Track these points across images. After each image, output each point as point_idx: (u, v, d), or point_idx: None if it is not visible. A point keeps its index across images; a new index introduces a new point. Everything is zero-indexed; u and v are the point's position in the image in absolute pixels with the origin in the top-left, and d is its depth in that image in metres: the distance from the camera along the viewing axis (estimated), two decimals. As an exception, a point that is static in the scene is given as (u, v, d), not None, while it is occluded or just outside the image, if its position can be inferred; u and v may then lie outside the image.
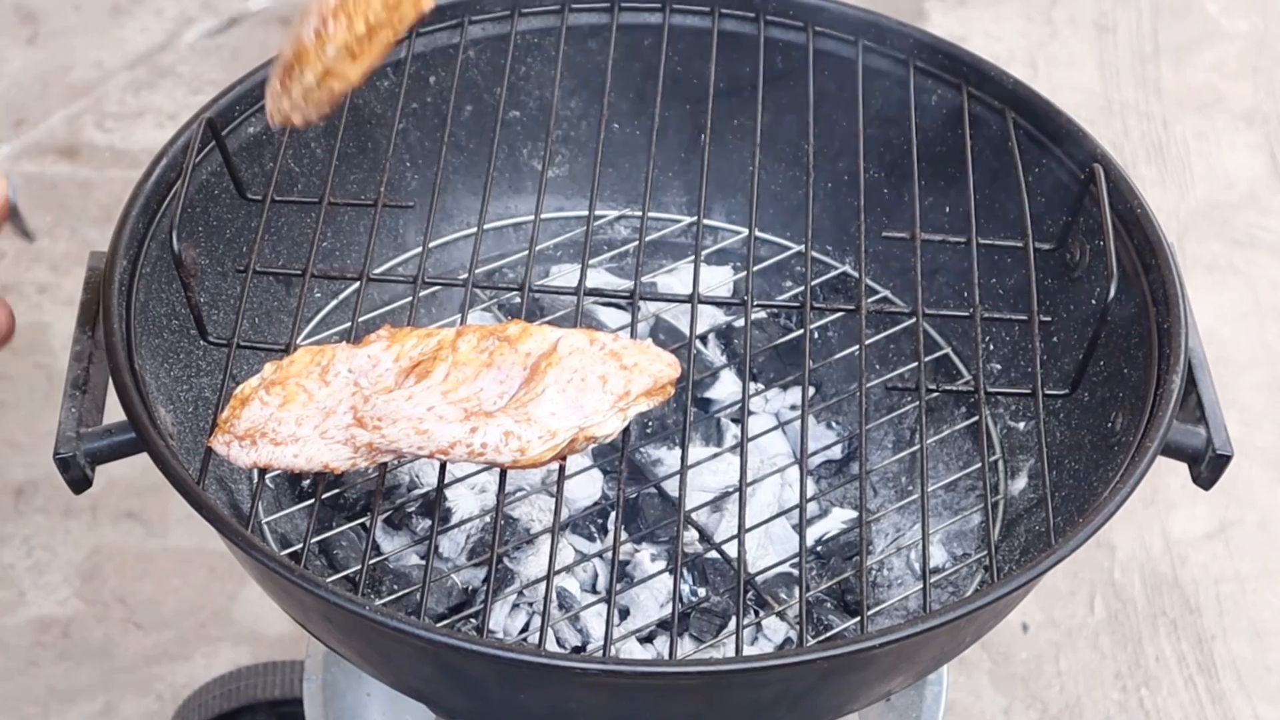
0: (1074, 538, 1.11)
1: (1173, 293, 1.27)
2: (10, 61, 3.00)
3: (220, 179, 1.36)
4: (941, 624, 1.06)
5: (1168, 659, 2.30)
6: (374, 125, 1.47)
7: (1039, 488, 1.33)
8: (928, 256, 1.42)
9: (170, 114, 2.92)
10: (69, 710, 2.16)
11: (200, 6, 3.12)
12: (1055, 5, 3.23)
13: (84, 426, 1.17)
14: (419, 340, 1.19)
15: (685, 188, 1.56)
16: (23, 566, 2.30)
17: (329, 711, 1.46)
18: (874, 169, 1.48)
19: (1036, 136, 1.41)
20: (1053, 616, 2.33)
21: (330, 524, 1.36)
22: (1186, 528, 2.45)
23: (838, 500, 1.46)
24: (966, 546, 1.40)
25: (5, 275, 2.63)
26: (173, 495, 1.13)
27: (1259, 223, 2.87)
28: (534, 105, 1.53)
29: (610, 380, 1.16)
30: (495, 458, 1.13)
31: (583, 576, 1.37)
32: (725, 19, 1.50)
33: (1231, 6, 3.25)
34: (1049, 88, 2.93)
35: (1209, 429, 1.22)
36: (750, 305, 1.32)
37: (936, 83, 1.45)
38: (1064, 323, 1.38)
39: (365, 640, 1.14)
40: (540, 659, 1.04)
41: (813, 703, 1.15)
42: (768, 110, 1.45)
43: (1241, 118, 3.04)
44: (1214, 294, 2.74)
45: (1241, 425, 2.52)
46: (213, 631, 2.24)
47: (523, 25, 1.49)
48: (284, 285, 1.42)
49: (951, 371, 1.47)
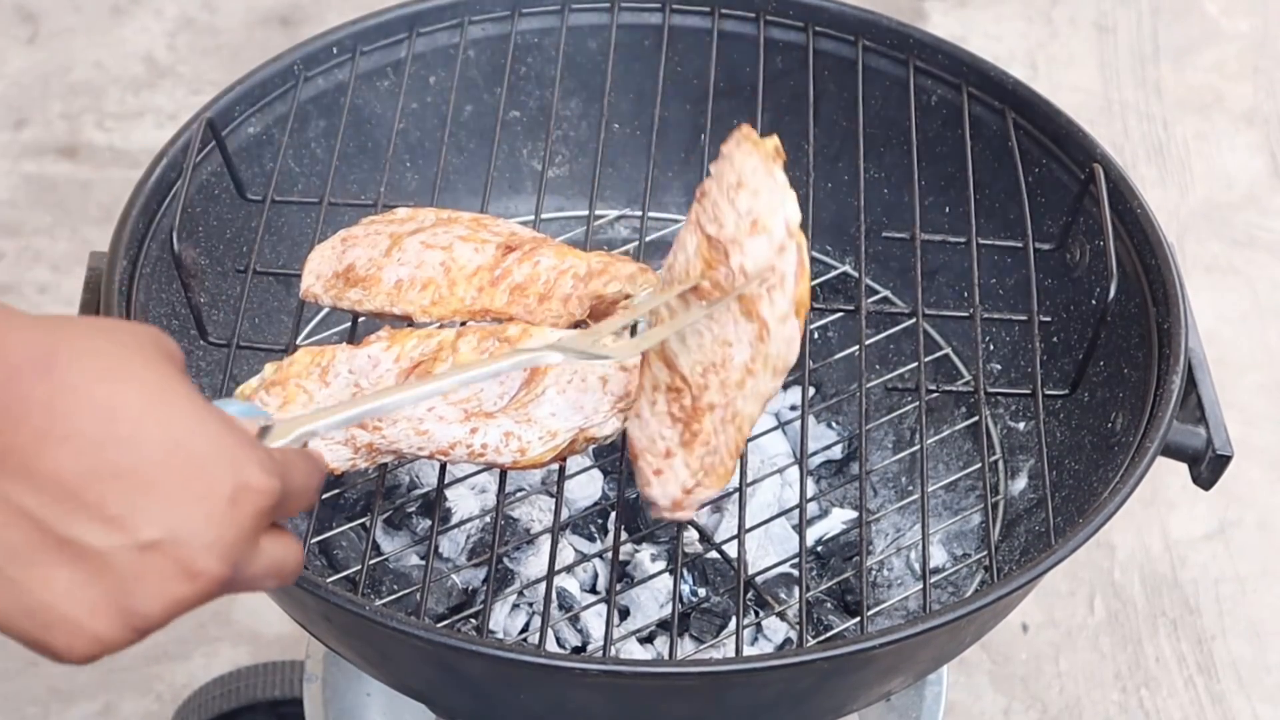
0: (1074, 538, 1.11)
1: (1173, 293, 1.27)
2: (10, 61, 3.00)
3: (220, 179, 1.36)
4: (941, 624, 1.06)
5: (1168, 659, 2.30)
6: (374, 125, 1.47)
7: (1039, 488, 1.33)
8: (928, 256, 1.42)
9: (170, 114, 2.92)
10: (69, 710, 2.16)
11: (200, 6, 3.12)
12: (1055, 5, 3.23)
13: (84, 426, 1.17)
14: (419, 341, 1.19)
15: (685, 188, 1.57)
16: (23, 566, 2.29)
17: (329, 711, 1.46)
18: (874, 169, 1.48)
19: (1036, 136, 1.41)
20: (1053, 617, 2.33)
21: (330, 524, 1.36)
22: (1186, 528, 2.45)
23: (838, 500, 1.46)
24: (966, 547, 1.40)
25: (5, 275, 2.63)
26: (173, 495, 1.13)
27: (1259, 223, 2.87)
28: (534, 105, 1.53)
29: (610, 381, 1.16)
30: (495, 458, 1.13)
31: (583, 576, 1.37)
32: (725, 19, 1.50)
33: (1231, 7, 3.25)
34: (1049, 88, 2.93)
35: (1209, 429, 1.22)
36: (750, 305, 1.32)
37: (936, 83, 1.46)
38: (1064, 323, 1.38)
39: (365, 640, 1.14)
40: (540, 659, 1.04)
41: (813, 703, 1.15)
42: (768, 110, 1.45)
43: (1241, 118, 3.04)
44: (1214, 294, 2.74)
45: (1241, 425, 2.52)
46: (213, 631, 2.24)
47: (523, 25, 1.49)
48: (284, 285, 1.41)
49: (951, 371, 1.47)
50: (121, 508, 0.76)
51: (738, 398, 1.06)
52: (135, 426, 0.76)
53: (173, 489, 0.76)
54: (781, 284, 1.03)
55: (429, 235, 1.25)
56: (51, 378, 0.75)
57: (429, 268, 1.23)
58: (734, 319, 1.04)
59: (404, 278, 1.23)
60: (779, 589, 1.36)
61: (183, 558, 0.76)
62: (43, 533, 0.75)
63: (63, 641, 0.76)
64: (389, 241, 1.25)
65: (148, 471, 0.76)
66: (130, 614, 0.76)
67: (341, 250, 1.27)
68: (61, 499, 0.75)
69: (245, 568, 0.79)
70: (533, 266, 1.23)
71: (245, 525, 0.78)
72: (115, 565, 0.76)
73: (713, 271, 1.03)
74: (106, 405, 0.76)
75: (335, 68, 1.43)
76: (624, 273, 1.23)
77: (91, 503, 0.75)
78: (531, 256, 1.24)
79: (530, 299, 1.22)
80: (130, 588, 0.76)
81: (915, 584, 1.38)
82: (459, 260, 1.23)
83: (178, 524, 0.76)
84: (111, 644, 0.77)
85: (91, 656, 0.77)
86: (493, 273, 1.23)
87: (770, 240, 1.02)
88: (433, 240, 1.25)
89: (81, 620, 0.76)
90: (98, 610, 0.76)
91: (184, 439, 0.77)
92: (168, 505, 0.76)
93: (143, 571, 0.76)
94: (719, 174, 1.06)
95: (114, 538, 0.75)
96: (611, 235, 1.56)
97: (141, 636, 0.77)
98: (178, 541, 0.76)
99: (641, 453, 1.10)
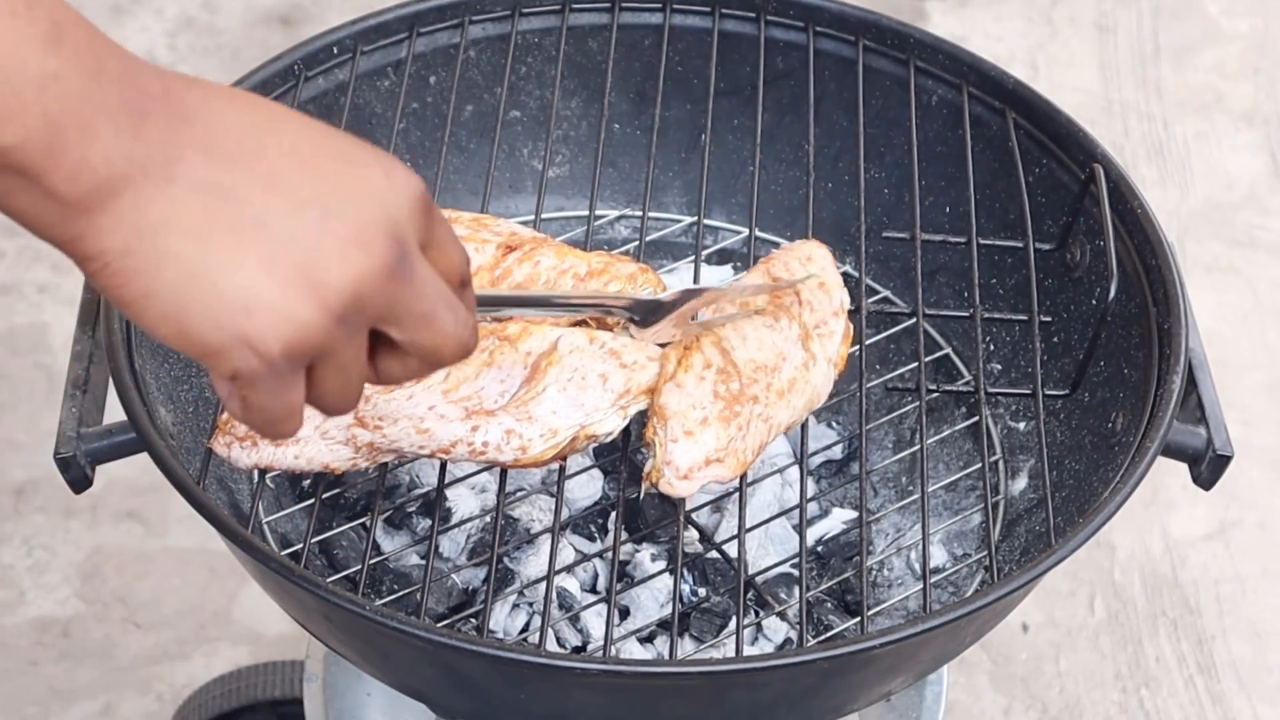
0: (1074, 538, 1.11)
1: (1173, 293, 1.27)
2: (10, 61, 2.99)
3: (220, 179, 1.36)
4: (941, 624, 1.06)
5: (1168, 659, 2.30)
6: (374, 125, 1.47)
7: (1039, 488, 1.33)
8: (928, 256, 1.42)
9: (170, 114, 2.92)
10: (69, 710, 2.16)
11: (200, 6, 3.12)
12: (1056, 5, 3.23)
13: (84, 426, 1.17)
14: (419, 340, 1.19)
15: (685, 187, 1.57)
16: (23, 566, 2.30)
17: (329, 711, 1.46)
18: (874, 169, 1.48)
19: (1037, 136, 1.41)
20: (1053, 617, 2.33)
21: (330, 524, 1.36)
22: (1186, 528, 2.45)
23: (838, 500, 1.46)
24: (966, 546, 1.40)
25: (5, 275, 2.63)
26: (173, 495, 1.13)
27: (1259, 223, 2.87)
28: (534, 105, 1.53)
29: (610, 379, 1.16)
30: (496, 457, 1.13)
31: (583, 576, 1.37)
32: (725, 19, 1.50)
33: (1231, 7, 3.25)
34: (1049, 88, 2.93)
35: (1209, 429, 1.22)
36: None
37: (937, 83, 1.46)
38: (1064, 323, 1.38)
39: (365, 640, 1.14)
40: (540, 659, 1.04)
41: (813, 703, 1.15)
42: (768, 110, 1.45)
43: (1242, 118, 3.04)
44: (1214, 294, 2.74)
45: (1241, 425, 2.52)
46: (213, 631, 2.24)
47: (523, 25, 1.49)
48: (284, 285, 1.41)
49: (952, 371, 1.47)
50: (294, 182, 0.77)
51: (777, 402, 1.18)
52: (285, 117, 0.80)
53: (332, 166, 0.79)
54: (830, 337, 1.22)
55: None
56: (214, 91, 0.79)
57: None
58: (792, 340, 1.20)
59: None
60: (779, 589, 1.36)
61: (356, 227, 0.77)
62: (224, 211, 0.76)
63: (263, 324, 0.76)
64: None
65: (310, 150, 0.79)
66: (320, 286, 0.76)
67: None
68: (238, 174, 0.76)
69: (413, 260, 0.80)
70: (533, 266, 1.23)
71: (405, 207, 0.80)
72: (298, 238, 0.76)
73: (780, 298, 1.23)
74: (257, 104, 0.80)
75: (335, 68, 1.43)
76: (624, 272, 1.23)
77: (265, 175, 0.77)
78: (532, 256, 1.24)
79: None
80: (314, 258, 0.76)
81: (915, 584, 1.38)
82: None
83: (344, 195, 0.78)
84: (308, 325, 0.77)
85: (290, 343, 0.77)
86: (493, 272, 1.23)
87: (830, 301, 1.25)
88: None
89: (276, 299, 0.76)
90: (290, 285, 0.76)
91: (329, 130, 0.81)
92: (332, 181, 0.78)
93: (323, 241, 0.77)
94: (789, 247, 1.30)
95: (291, 211, 0.77)
96: (611, 235, 1.56)
97: (336, 319, 0.77)
98: (345, 210, 0.78)
99: (674, 415, 1.15)
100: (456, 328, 0.83)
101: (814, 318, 1.22)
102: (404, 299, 0.80)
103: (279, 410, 0.80)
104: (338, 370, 0.80)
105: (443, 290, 0.82)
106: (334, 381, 0.81)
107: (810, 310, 1.23)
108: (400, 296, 0.80)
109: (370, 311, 0.79)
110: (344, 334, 0.78)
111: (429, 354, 0.84)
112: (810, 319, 1.22)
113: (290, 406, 0.80)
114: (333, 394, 0.82)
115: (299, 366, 0.79)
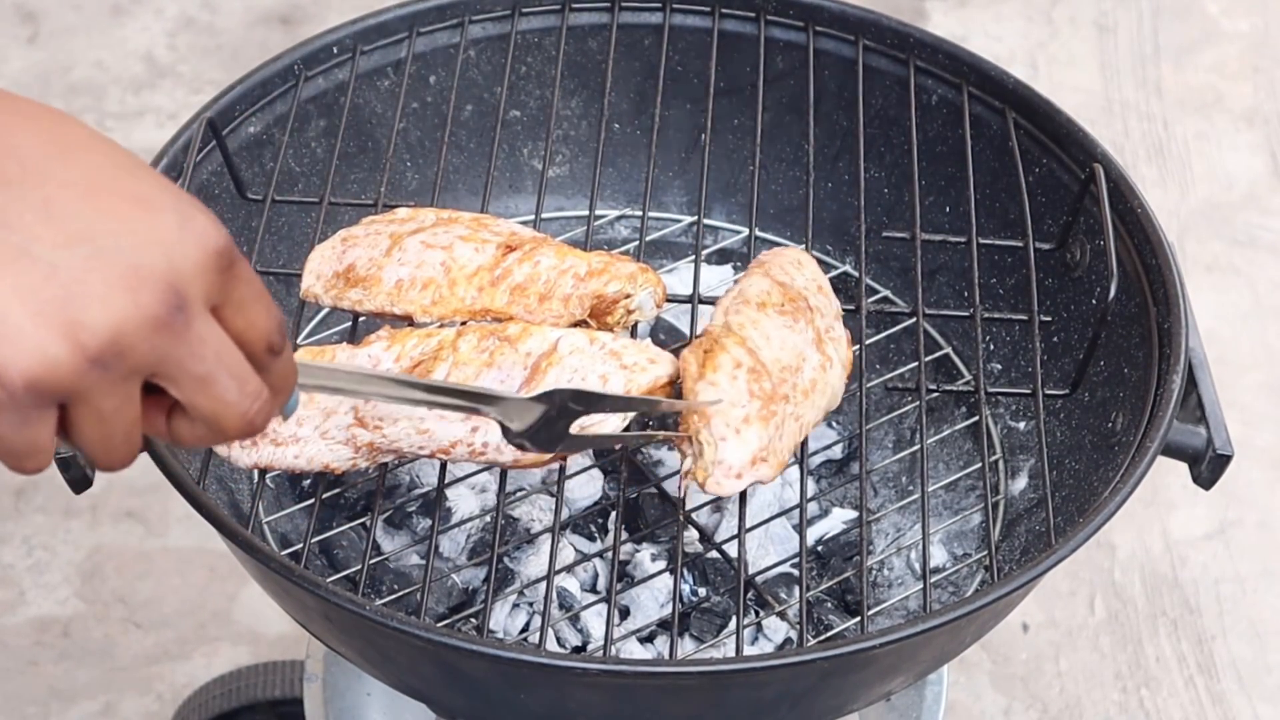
0: (1074, 538, 1.11)
1: (1173, 293, 1.27)
2: (10, 61, 3.00)
3: (220, 179, 1.36)
4: (941, 624, 1.06)
5: (1168, 659, 2.30)
6: (374, 125, 1.47)
7: (1039, 488, 1.33)
8: (928, 256, 1.42)
9: (170, 114, 2.92)
10: (69, 710, 2.16)
11: (200, 6, 3.12)
12: (1056, 5, 3.23)
13: (84, 426, 1.17)
14: (419, 340, 1.19)
15: (685, 187, 1.57)
16: (23, 566, 2.30)
17: (329, 711, 1.46)
18: (874, 169, 1.48)
19: (1037, 136, 1.41)
20: (1053, 616, 2.33)
21: (330, 524, 1.36)
22: (1186, 528, 2.45)
23: (838, 500, 1.46)
24: (967, 546, 1.40)
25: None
26: (173, 495, 1.13)
27: (1259, 223, 2.87)
28: (534, 105, 1.53)
29: (610, 379, 1.16)
30: (496, 457, 1.13)
31: (583, 576, 1.37)
32: (725, 19, 1.50)
33: (1231, 7, 3.25)
34: (1049, 88, 2.93)
35: (1209, 429, 1.22)
36: (750, 305, 1.32)
37: (937, 83, 1.46)
38: (1064, 323, 1.38)
39: (365, 640, 1.14)
40: (540, 659, 1.04)
41: (813, 703, 1.15)
42: (768, 110, 1.45)
43: (1242, 118, 3.05)
44: (1214, 294, 2.74)
45: (1241, 425, 2.52)
46: (213, 631, 2.24)
47: (523, 25, 1.49)
48: (284, 285, 1.41)
49: (952, 371, 1.47)
50: (70, 214, 0.73)
51: (804, 402, 1.19)
52: (86, 147, 0.76)
53: (119, 204, 0.75)
54: (839, 341, 1.23)
55: (429, 235, 1.25)
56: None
57: (429, 268, 1.23)
58: (809, 343, 1.21)
59: (404, 278, 1.23)
60: (779, 589, 1.36)
61: (127, 271, 0.73)
62: None
63: (7, 354, 0.71)
64: (389, 241, 1.25)
65: (103, 184, 0.75)
66: (74, 324, 0.72)
67: (342, 250, 1.27)
68: (10, 199, 0.73)
69: (191, 315, 0.75)
70: (533, 266, 1.23)
71: (192, 259, 0.75)
72: (61, 272, 0.72)
73: (794, 300, 1.24)
74: (58, 128, 0.77)
75: (335, 67, 1.43)
76: (624, 272, 1.23)
77: (41, 203, 0.73)
78: (532, 256, 1.24)
79: (530, 299, 1.22)
80: (74, 296, 0.72)
81: (915, 584, 1.38)
82: (459, 260, 1.23)
83: (123, 236, 0.74)
84: (55, 362, 0.72)
85: (33, 378, 0.72)
86: (493, 272, 1.23)
87: (833, 305, 1.27)
88: (433, 240, 1.25)
89: (25, 330, 0.72)
90: (43, 318, 0.72)
91: (133, 166, 0.76)
92: (115, 219, 0.74)
93: (88, 279, 0.73)
94: (776, 251, 1.30)
95: (60, 244, 0.73)
96: (611, 235, 1.56)
97: (89, 361, 0.73)
98: (121, 251, 0.73)
99: (716, 413, 1.14)
100: (239, 398, 0.78)
101: (824, 322, 1.23)
102: (176, 355, 0.75)
103: (21, 445, 0.75)
104: (97, 419, 0.75)
105: (229, 355, 0.77)
106: (92, 430, 0.76)
107: (820, 315, 1.24)
108: (171, 352, 0.75)
109: (133, 361, 0.74)
110: (101, 380, 0.74)
111: (208, 419, 0.78)
112: (821, 323, 1.23)
113: (33, 444, 0.75)
114: (92, 443, 0.77)
115: (45, 404, 0.74)
